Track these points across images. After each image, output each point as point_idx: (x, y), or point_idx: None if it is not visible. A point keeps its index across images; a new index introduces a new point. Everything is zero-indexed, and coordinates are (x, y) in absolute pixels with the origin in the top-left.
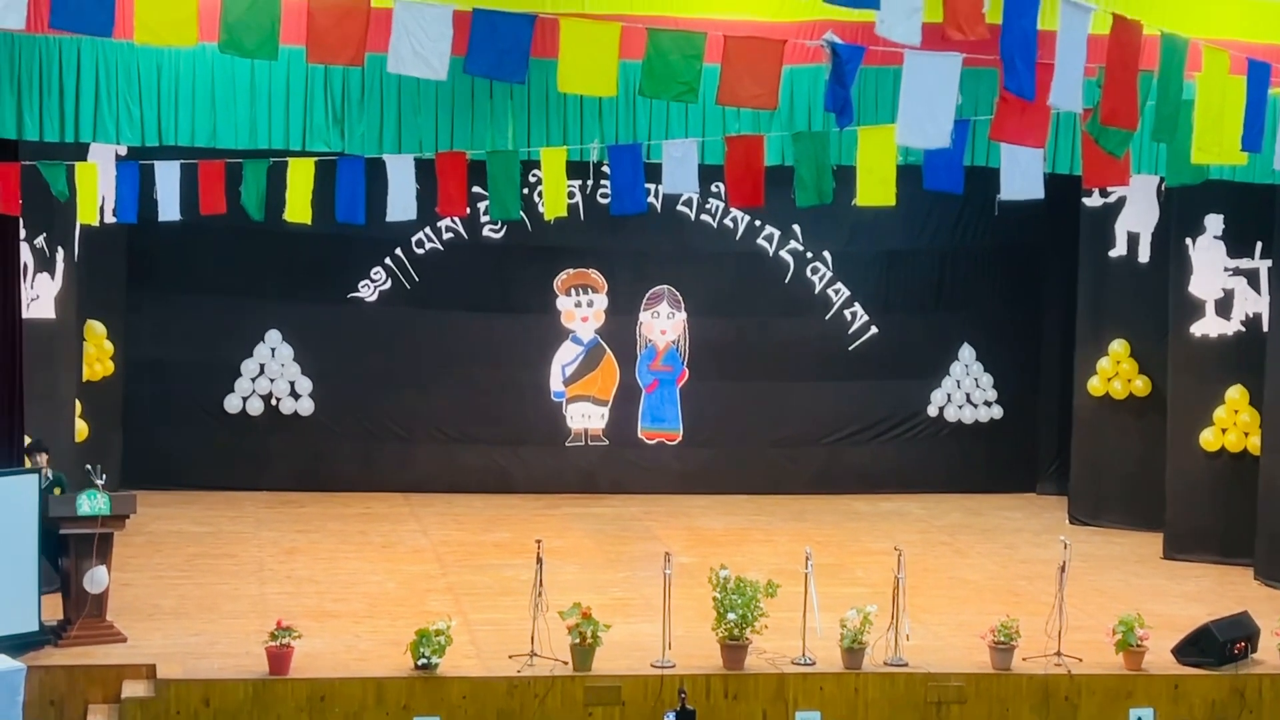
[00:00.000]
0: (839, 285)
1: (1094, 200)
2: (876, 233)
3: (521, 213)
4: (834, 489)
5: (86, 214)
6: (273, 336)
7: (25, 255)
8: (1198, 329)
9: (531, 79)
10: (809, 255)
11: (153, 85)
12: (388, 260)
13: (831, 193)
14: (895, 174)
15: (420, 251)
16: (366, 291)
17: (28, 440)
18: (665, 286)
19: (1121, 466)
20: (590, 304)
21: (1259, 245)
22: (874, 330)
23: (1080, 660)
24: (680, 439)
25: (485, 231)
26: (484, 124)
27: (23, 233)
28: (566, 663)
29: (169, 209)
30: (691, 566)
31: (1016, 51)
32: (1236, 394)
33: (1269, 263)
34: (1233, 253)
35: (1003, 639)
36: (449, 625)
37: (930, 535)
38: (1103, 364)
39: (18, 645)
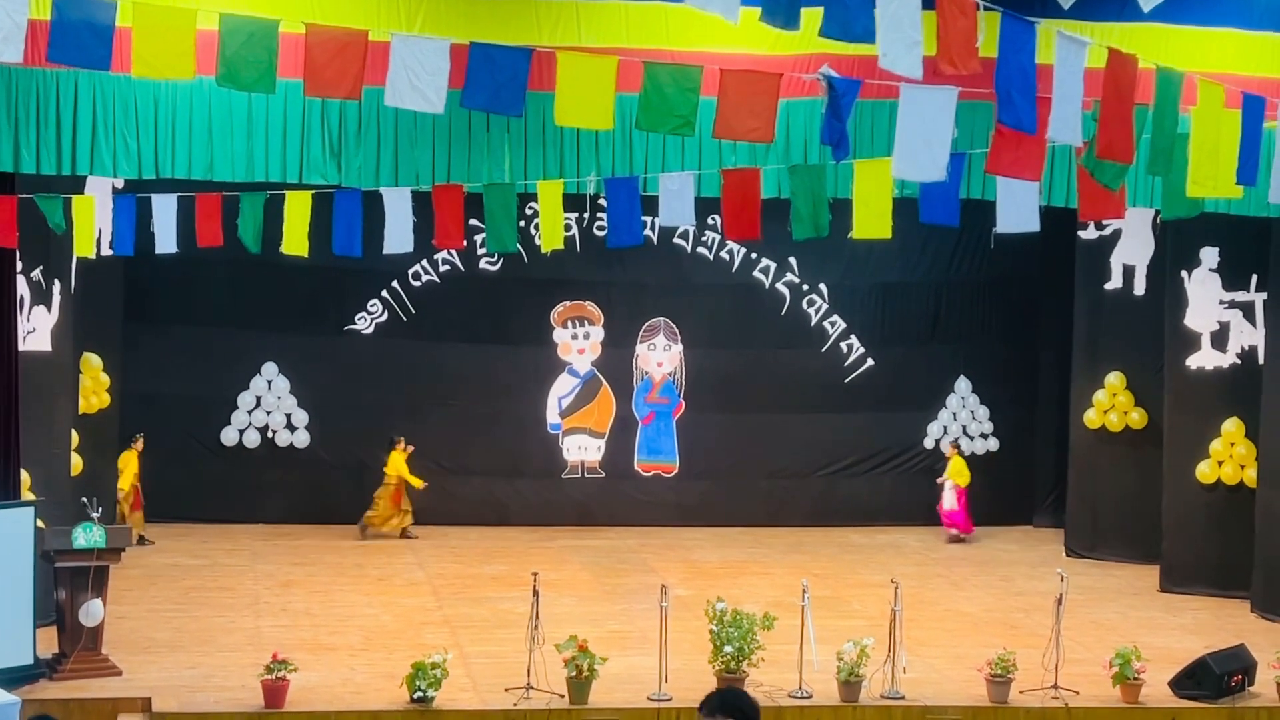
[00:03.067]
0: (835, 318)
1: (1090, 233)
2: (873, 265)
3: (518, 245)
4: (831, 521)
5: (83, 246)
6: (269, 369)
7: (22, 288)
8: (1194, 361)
9: (528, 112)
10: (805, 288)
11: (150, 118)
12: (384, 293)
13: (828, 225)
14: (891, 207)
15: (417, 284)
16: (363, 324)
17: None
18: (662, 319)
19: (1118, 499)
20: (587, 336)
21: (1254, 278)
22: (870, 362)
23: (1077, 693)
24: (677, 471)
25: (482, 264)
26: (481, 157)
27: (19, 265)
28: (563, 695)
29: (166, 242)
30: (688, 599)
31: (1013, 85)
32: (1232, 426)
33: (1264, 295)
34: (1228, 285)
35: (1000, 672)
36: (445, 658)
37: (927, 568)
38: (1099, 396)
39: (12, 678)
